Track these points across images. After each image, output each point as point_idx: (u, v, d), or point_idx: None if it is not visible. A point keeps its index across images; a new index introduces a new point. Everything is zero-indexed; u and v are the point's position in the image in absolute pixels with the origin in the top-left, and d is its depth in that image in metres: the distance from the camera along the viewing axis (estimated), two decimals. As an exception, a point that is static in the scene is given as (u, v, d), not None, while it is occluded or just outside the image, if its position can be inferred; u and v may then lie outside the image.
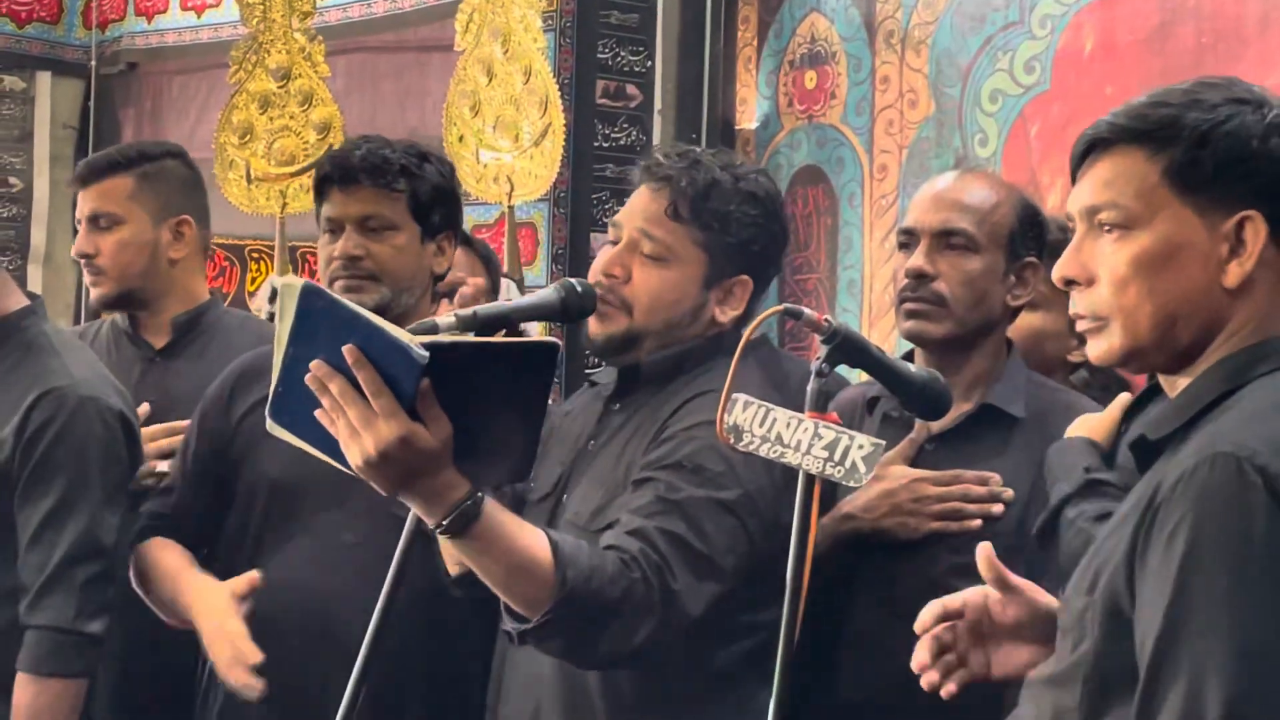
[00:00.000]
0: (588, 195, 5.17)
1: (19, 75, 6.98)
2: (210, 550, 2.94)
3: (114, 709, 3.04)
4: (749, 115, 5.13)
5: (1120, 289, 1.71)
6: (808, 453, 2.05)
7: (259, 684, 2.68)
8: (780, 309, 2.12)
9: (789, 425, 2.07)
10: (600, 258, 2.54)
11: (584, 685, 2.43)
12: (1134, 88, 3.25)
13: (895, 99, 4.72)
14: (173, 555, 2.91)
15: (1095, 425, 2.45)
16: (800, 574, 2.00)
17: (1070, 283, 1.76)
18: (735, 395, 2.12)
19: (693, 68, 5.14)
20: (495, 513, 2.11)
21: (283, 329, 1.99)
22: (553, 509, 2.52)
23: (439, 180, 2.95)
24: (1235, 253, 1.68)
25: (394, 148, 2.92)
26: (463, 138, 5.20)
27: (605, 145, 5.21)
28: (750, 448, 2.10)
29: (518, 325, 2.50)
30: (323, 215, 2.93)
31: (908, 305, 2.64)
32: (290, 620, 2.78)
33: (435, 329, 2.16)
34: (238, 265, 6.56)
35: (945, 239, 2.64)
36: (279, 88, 5.73)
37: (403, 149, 2.93)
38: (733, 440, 2.12)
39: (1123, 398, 2.47)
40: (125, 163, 3.33)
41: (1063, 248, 1.80)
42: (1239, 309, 1.69)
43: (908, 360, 2.55)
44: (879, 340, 4.22)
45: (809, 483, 2.04)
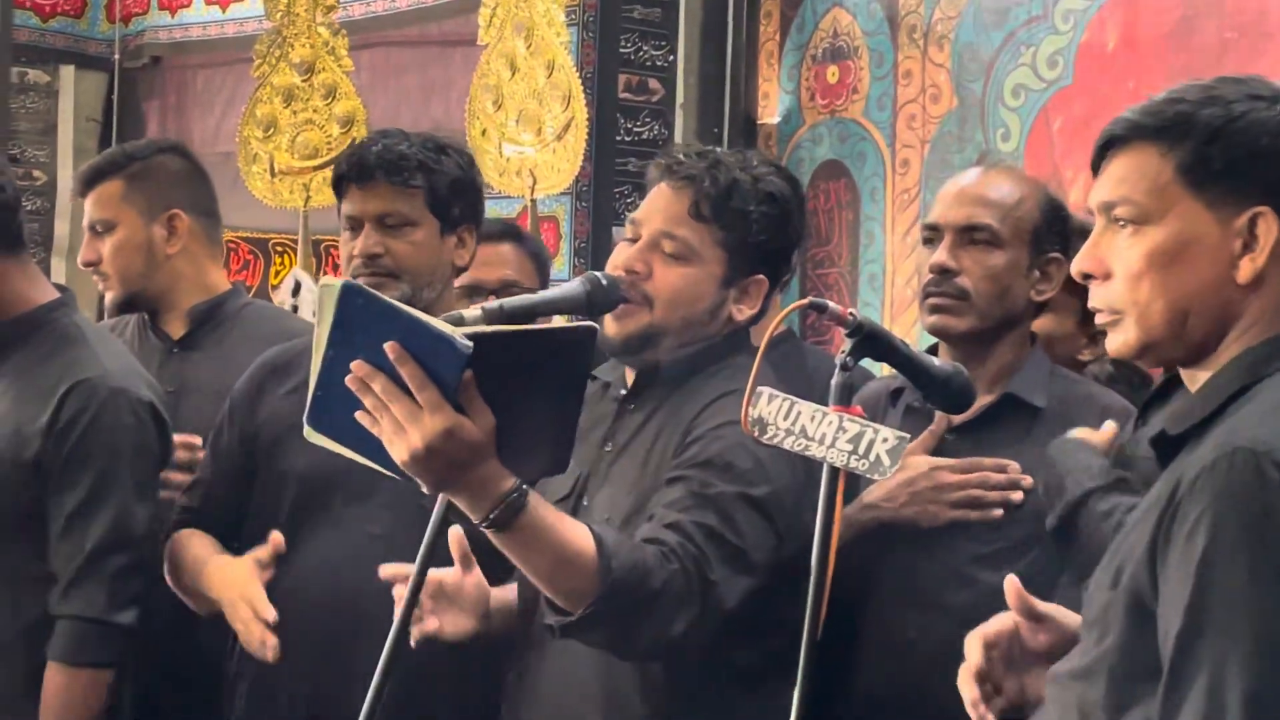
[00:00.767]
0: (610, 189, 5.19)
1: (43, 69, 7.00)
2: (239, 542, 2.94)
3: (143, 699, 3.05)
4: (771, 110, 5.14)
5: (1134, 284, 1.72)
6: (832, 445, 2.05)
7: (274, 641, 2.70)
8: (805, 303, 2.13)
9: (813, 418, 2.08)
10: (617, 254, 2.53)
11: (622, 687, 2.43)
12: (1157, 83, 3.26)
13: (917, 94, 4.73)
14: (201, 544, 2.93)
15: (1095, 439, 2.46)
16: (824, 567, 2.00)
17: (1088, 277, 1.78)
18: (760, 388, 2.13)
19: (715, 62, 5.14)
20: (539, 505, 2.11)
21: (321, 332, 1.99)
22: (572, 511, 2.48)
23: (458, 173, 2.95)
24: (1248, 248, 1.69)
25: (410, 142, 2.91)
26: (485, 131, 5.22)
27: (627, 139, 5.22)
28: (774, 440, 2.11)
29: (542, 319, 2.51)
30: (342, 213, 2.93)
31: (931, 300, 2.66)
32: (317, 612, 2.79)
33: (461, 322, 2.15)
34: (261, 258, 6.59)
35: (969, 234, 2.65)
36: (303, 81, 5.75)
37: (419, 143, 2.92)
38: (757, 433, 2.12)
39: (1112, 425, 2.47)
40: (112, 167, 3.35)
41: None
42: (1252, 304, 1.70)
43: (932, 354, 2.55)
44: (900, 335, 4.22)
45: (833, 475, 2.05)
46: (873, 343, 2.13)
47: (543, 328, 2.15)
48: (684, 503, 2.34)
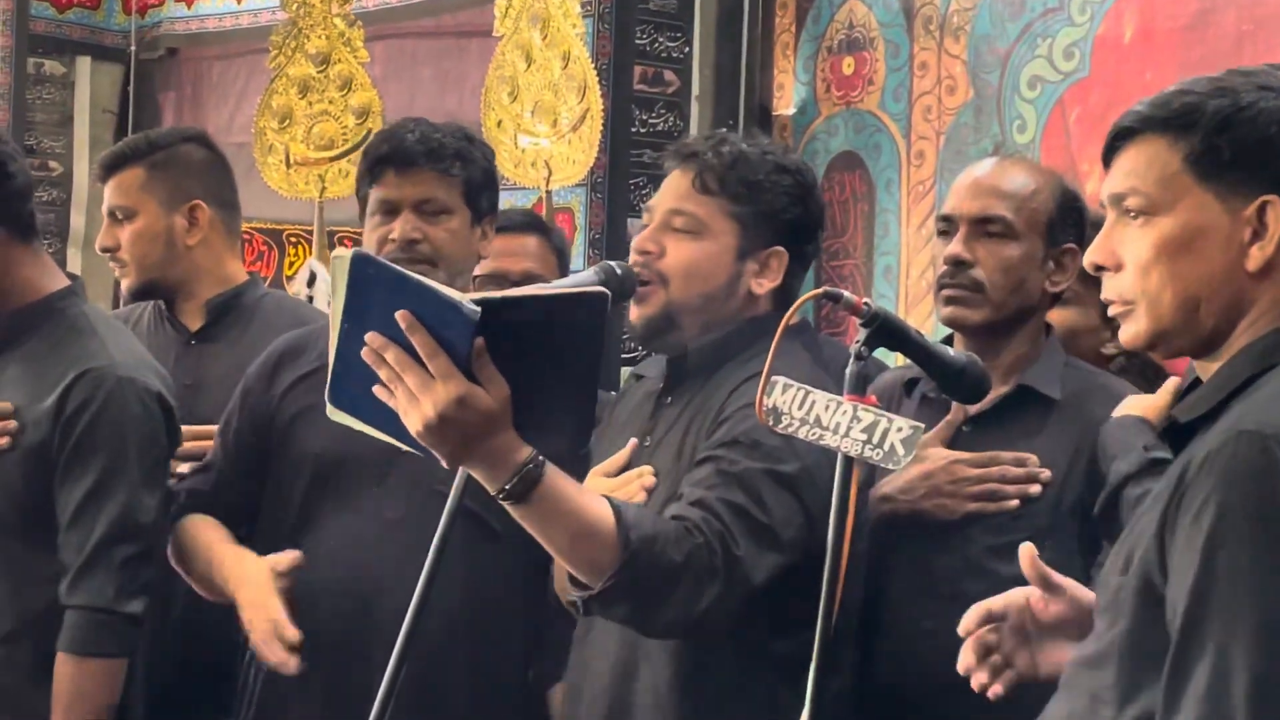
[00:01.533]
0: (625, 180, 5.18)
1: (59, 60, 7.01)
2: (250, 527, 2.95)
3: (153, 688, 3.06)
4: (786, 101, 5.13)
5: (1144, 274, 1.74)
6: (846, 435, 2.05)
7: (294, 660, 2.70)
8: (820, 292, 2.13)
9: (828, 408, 2.08)
10: (635, 242, 2.56)
11: (658, 683, 2.42)
12: (1173, 75, 3.25)
13: (933, 85, 4.72)
14: (210, 530, 2.93)
15: (1148, 405, 2.46)
16: (839, 556, 2.00)
17: (1100, 268, 1.79)
18: (775, 378, 2.13)
19: (730, 53, 5.14)
20: (556, 476, 2.10)
21: (336, 305, 1.99)
22: None
23: (486, 164, 2.97)
24: (1257, 237, 1.70)
25: (443, 131, 2.92)
26: (501, 123, 5.22)
27: (643, 131, 5.21)
28: (789, 430, 2.11)
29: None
30: (374, 197, 2.91)
31: (946, 292, 2.66)
32: (331, 596, 2.79)
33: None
34: (276, 249, 6.59)
35: (983, 226, 2.65)
36: (318, 73, 5.75)
37: (450, 132, 2.93)
38: (771, 422, 2.12)
39: (1173, 381, 2.47)
40: (134, 154, 3.35)
41: None
42: (1262, 293, 1.71)
43: (947, 344, 2.56)
44: (915, 327, 4.22)
45: (847, 465, 2.05)
46: (887, 332, 2.13)
47: (550, 291, 2.14)
48: (710, 480, 2.34)
